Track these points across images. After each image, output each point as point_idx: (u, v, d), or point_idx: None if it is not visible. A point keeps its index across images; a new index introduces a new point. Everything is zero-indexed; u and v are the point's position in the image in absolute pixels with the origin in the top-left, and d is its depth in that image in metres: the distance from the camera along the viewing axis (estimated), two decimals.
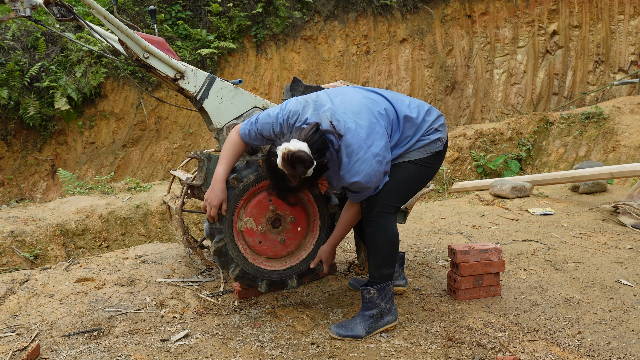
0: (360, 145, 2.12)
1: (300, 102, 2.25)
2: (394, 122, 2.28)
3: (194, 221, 5.41)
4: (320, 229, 2.65)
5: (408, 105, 2.35)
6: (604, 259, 3.47)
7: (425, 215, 4.93)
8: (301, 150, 1.97)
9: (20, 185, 7.08)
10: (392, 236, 2.33)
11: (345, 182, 2.18)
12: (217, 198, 2.35)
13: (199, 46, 7.90)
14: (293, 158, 1.96)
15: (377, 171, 2.16)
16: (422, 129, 2.33)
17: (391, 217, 2.34)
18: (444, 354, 2.15)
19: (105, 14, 2.42)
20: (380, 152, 2.15)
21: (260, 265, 2.57)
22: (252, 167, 2.46)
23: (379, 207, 2.31)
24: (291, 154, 1.96)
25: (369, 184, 2.17)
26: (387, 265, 2.34)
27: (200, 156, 2.71)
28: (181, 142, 7.94)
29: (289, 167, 1.98)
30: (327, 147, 2.11)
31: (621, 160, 7.45)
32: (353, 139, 2.12)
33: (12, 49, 6.96)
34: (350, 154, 2.12)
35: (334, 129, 2.12)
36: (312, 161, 1.98)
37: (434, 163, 2.40)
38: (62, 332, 2.39)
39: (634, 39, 9.33)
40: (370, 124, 2.17)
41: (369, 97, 2.29)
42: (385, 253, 2.33)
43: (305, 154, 1.97)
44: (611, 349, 2.21)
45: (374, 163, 2.13)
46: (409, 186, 2.38)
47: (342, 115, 2.16)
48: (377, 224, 2.31)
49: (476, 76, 9.85)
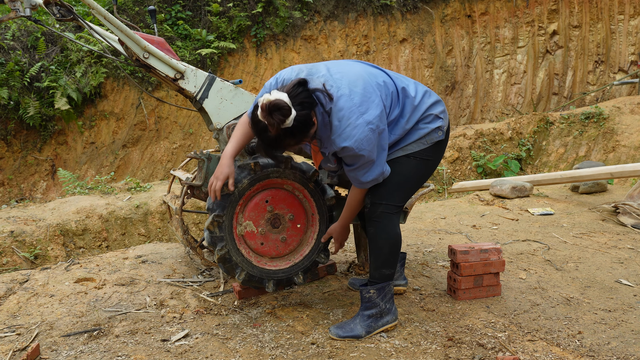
0: (352, 110, 2.07)
1: (294, 70, 2.21)
2: (393, 95, 2.22)
3: (194, 221, 5.41)
4: (320, 223, 2.64)
5: (407, 83, 2.31)
6: (604, 259, 3.47)
7: (425, 215, 4.93)
8: (279, 98, 1.95)
9: (20, 185, 7.08)
10: (394, 237, 2.31)
11: (336, 146, 2.11)
12: (223, 173, 2.31)
13: (199, 46, 7.90)
14: (270, 106, 1.94)
15: (369, 139, 2.08)
16: (420, 110, 2.27)
17: (394, 218, 2.32)
18: (444, 354, 2.15)
19: (105, 14, 2.42)
20: (373, 120, 2.08)
21: (265, 267, 2.57)
22: (245, 171, 2.46)
23: (382, 208, 2.29)
24: (269, 102, 1.94)
25: (361, 152, 2.09)
26: (388, 266, 2.33)
27: (200, 156, 2.71)
28: (181, 142, 7.94)
29: (267, 115, 1.95)
30: (313, 103, 2.06)
31: (621, 160, 7.45)
32: (346, 103, 2.07)
33: (12, 49, 6.96)
34: (341, 118, 2.07)
35: (326, 90, 2.08)
36: (289, 109, 1.94)
37: (435, 155, 2.35)
38: (62, 332, 2.39)
39: (634, 39, 9.33)
40: (366, 92, 2.11)
41: (368, 69, 2.24)
42: (386, 254, 2.32)
43: (282, 101, 1.94)
44: (611, 349, 2.21)
45: (366, 130, 2.06)
46: (411, 182, 2.33)
47: (337, 82, 2.12)
48: (380, 225, 2.30)
49: (476, 76, 9.85)
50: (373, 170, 2.18)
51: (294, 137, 2.04)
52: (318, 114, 2.11)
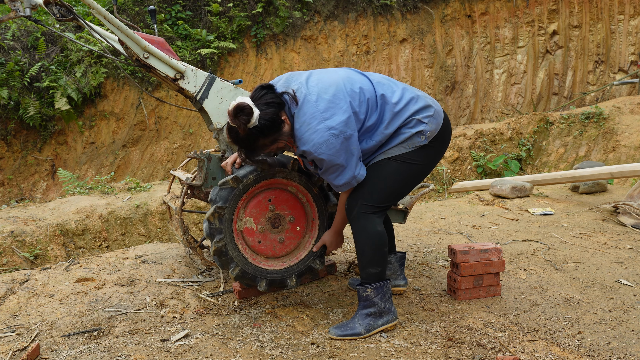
0: (314, 116, 2.13)
1: (278, 78, 2.34)
2: (370, 102, 2.24)
3: (194, 221, 5.41)
4: (319, 229, 2.65)
5: (392, 89, 2.31)
6: (604, 259, 3.47)
7: (425, 215, 4.93)
8: (241, 102, 2.08)
9: (20, 185, 7.08)
10: (374, 236, 2.30)
11: (298, 150, 2.22)
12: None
13: (199, 46, 7.90)
14: (234, 110, 2.08)
15: (330, 144, 2.12)
16: (402, 116, 2.27)
17: (372, 217, 2.31)
18: (444, 354, 2.15)
19: (105, 14, 2.42)
20: (336, 126, 2.12)
21: (259, 265, 2.57)
22: (251, 167, 2.47)
23: (358, 207, 2.30)
24: (233, 107, 2.08)
25: (320, 155, 2.14)
26: (373, 265, 2.33)
27: (200, 156, 2.71)
28: (181, 142, 7.94)
29: (233, 118, 2.09)
30: (281, 103, 2.17)
31: (621, 160, 7.44)
32: (309, 109, 2.15)
33: (12, 49, 6.96)
34: (302, 123, 2.15)
35: (293, 94, 2.17)
36: (251, 108, 2.06)
37: (422, 159, 2.32)
38: (62, 332, 2.39)
39: (634, 39, 9.33)
40: (335, 98, 2.16)
41: (349, 75, 2.27)
42: (369, 253, 2.32)
43: (244, 103, 2.07)
44: (611, 349, 2.21)
45: (326, 134, 2.11)
46: (390, 185, 2.31)
47: (309, 88, 2.19)
48: (357, 225, 2.31)
49: (476, 76, 9.85)
50: (344, 174, 2.22)
51: (265, 136, 2.15)
52: (289, 115, 2.20)
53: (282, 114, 2.18)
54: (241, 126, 2.08)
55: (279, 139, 2.20)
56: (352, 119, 2.17)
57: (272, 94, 2.17)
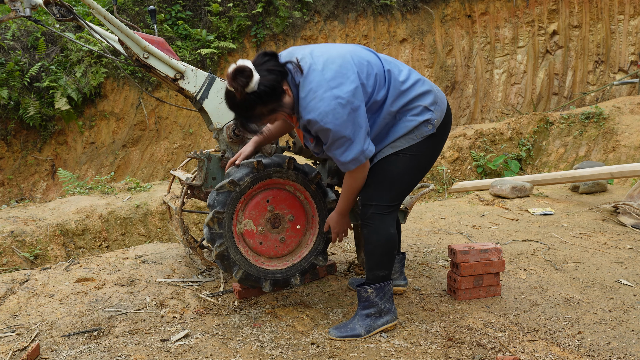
0: (320, 84, 2.03)
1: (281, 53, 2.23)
2: (379, 76, 2.17)
3: (194, 221, 5.41)
4: (320, 225, 2.65)
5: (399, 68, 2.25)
6: (604, 259, 3.47)
7: (425, 215, 4.93)
8: (243, 64, 1.99)
9: (20, 185, 7.08)
10: (386, 238, 2.28)
11: (302, 120, 2.10)
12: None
13: (199, 46, 7.90)
14: (233, 71, 1.98)
15: (336, 113, 2.01)
16: (407, 95, 2.20)
17: (386, 218, 2.28)
18: (444, 354, 2.15)
19: (105, 14, 2.42)
20: (344, 95, 2.02)
21: (262, 266, 2.57)
22: (247, 169, 2.46)
23: (373, 209, 2.26)
24: (233, 68, 1.99)
25: (326, 125, 2.02)
26: (381, 268, 2.31)
27: (200, 156, 2.71)
28: (181, 142, 7.94)
29: (231, 80, 1.99)
30: (284, 72, 2.07)
31: (621, 160, 7.45)
32: (315, 77, 2.05)
33: (12, 49, 6.96)
34: (308, 92, 2.05)
35: (298, 63, 2.08)
36: (251, 71, 1.97)
37: (428, 150, 2.26)
38: (62, 332, 2.39)
39: (634, 39, 9.33)
40: (342, 68, 2.06)
41: (355, 49, 2.20)
42: (378, 255, 2.30)
43: (244, 66, 1.97)
44: (611, 349, 2.21)
45: (333, 103, 2.01)
46: (402, 180, 2.27)
47: (314, 59, 2.11)
48: (371, 226, 2.28)
49: (476, 76, 9.85)
50: (352, 149, 2.09)
51: (264, 103, 2.05)
52: (292, 85, 2.10)
53: (284, 83, 2.07)
54: (239, 89, 1.99)
55: (278, 109, 2.10)
56: (359, 89, 2.07)
57: (275, 62, 2.07)
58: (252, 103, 2.03)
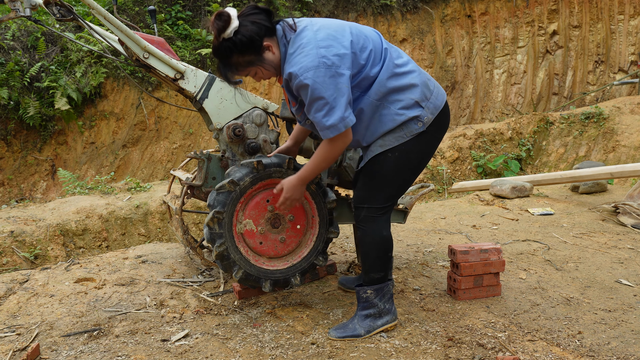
0: (310, 42, 2.01)
1: None
2: (375, 52, 2.12)
3: (194, 221, 5.41)
4: (320, 225, 2.64)
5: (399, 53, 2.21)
6: (604, 259, 3.47)
7: (425, 215, 4.93)
8: (225, 10, 2.01)
9: (20, 185, 7.08)
10: (380, 240, 2.26)
11: (285, 74, 2.08)
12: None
13: (199, 46, 7.90)
14: (214, 15, 2.01)
15: (319, 72, 1.96)
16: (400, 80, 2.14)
17: (379, 220, 2.26)
18: (444, 354, 2.15)
19: (105, 14, 2.42)
20: (330, 57, 1.98)
21: (262, 266, 2.57)
22: (247, 169, 2.46)
23: (365, 211, 2.25)
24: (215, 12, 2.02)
25: (305, 80, 1.97)
26: (376, 270, 2.30)
27: (200, 156, 2.71)
28: (181, 142, 7.94)
29: (212, 24, 2.01)
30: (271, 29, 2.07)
31: (621, 160, 7.45)
32: (307, 35, 2.03)
33: (12, 49, 6.96)
34: (297, 47, 2.03)
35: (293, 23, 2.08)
36: (228, 17, 1.98)
37: (417, 149, 2.19)
38: (62, 332, 2.39)
39: (634, 39, 9.33)
40: (336, 33, 2.04)
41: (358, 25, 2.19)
42: (373, 258, 2.29)
43: (225, 11, 1.99)
44: (611, 349, 2.21)
45: (317, 61, 1.96)
46: (393, 181, 2.23)
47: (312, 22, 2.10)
48: (364, 229, 2.27)
49: (476, 76, 9.85)
50: (332, 114, 2.01)
51: (241, 53, 2.05)
52: (281, 44, 2.10)
53: (266, 39, 2.06)
54: (215, 33, 2.01)
55: (256, 62, 2.08)
56: (348, 57, 2.03)
57: (263, 16, 2.06)
58: (227, 50, 2.05)
